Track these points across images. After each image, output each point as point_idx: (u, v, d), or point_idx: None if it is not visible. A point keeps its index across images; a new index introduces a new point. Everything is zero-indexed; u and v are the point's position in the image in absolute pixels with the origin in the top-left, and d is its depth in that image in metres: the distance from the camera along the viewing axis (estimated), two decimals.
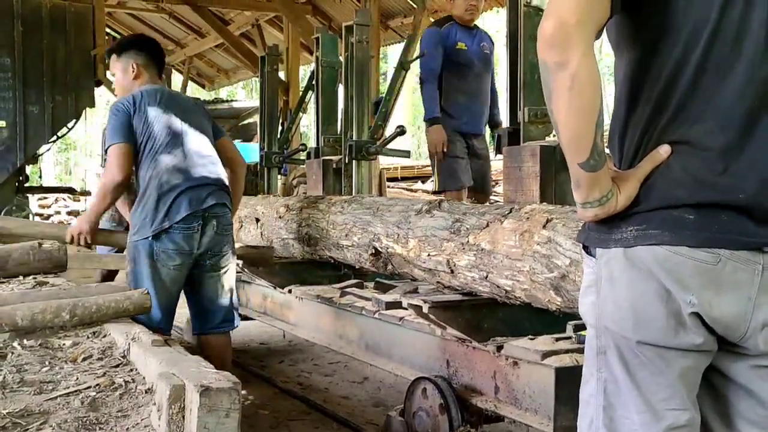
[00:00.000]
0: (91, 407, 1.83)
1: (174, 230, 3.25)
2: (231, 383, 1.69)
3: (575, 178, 1.36)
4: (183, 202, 3.25)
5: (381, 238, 3.19)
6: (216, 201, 3.29)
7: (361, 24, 4.63)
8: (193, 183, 3.29)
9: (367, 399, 4.10)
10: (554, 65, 1.27)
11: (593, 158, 1.32)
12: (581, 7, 1.27)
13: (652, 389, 1.35)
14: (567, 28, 1.26)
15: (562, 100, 1.29)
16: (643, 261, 1.31)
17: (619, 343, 1.36)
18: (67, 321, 2.49)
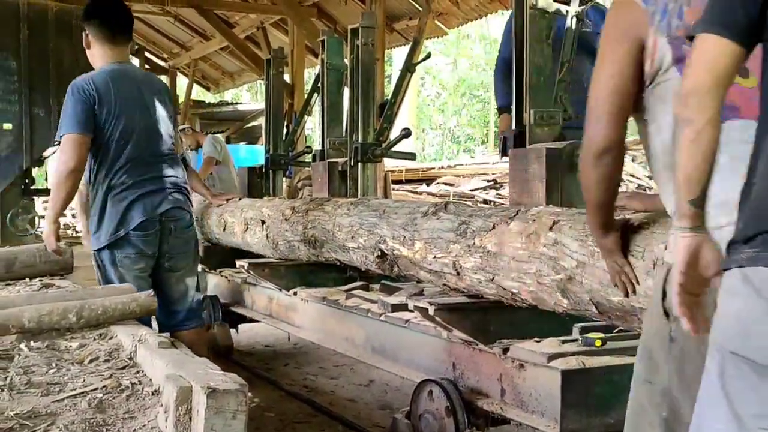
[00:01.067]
0: (98, 409, 1.83)
1: (131, 236, 3.22)
2: (238, 385, 1.68)
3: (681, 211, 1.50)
4: (137, 209, 3.21)
5: (387, 240, 3.19)
6: (171, 206, 3.24)
7: (366, 26, 4.63)
8: (145, 189, 3.22)
9: (373, 402, 4.10)
10: (682, 120, 1.44)
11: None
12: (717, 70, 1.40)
13: (744, 403, 1.34)
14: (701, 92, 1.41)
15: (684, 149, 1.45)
16: (755, 281, 1.33)
17: (723, 355, 1.36)
18: (74, 323, 2.50)
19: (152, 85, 3.43)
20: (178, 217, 3.26)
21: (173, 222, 3.24)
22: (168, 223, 3.23)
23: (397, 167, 10.89)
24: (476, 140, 27.38)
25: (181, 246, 3.30)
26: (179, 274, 3.30)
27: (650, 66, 1.72)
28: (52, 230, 3.33)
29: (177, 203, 3.28)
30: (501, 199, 10.58)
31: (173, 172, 3.33)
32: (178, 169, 3.37)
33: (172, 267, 3.30)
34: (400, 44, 11.25)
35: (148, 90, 3.36)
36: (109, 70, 3.30)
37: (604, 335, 2.61)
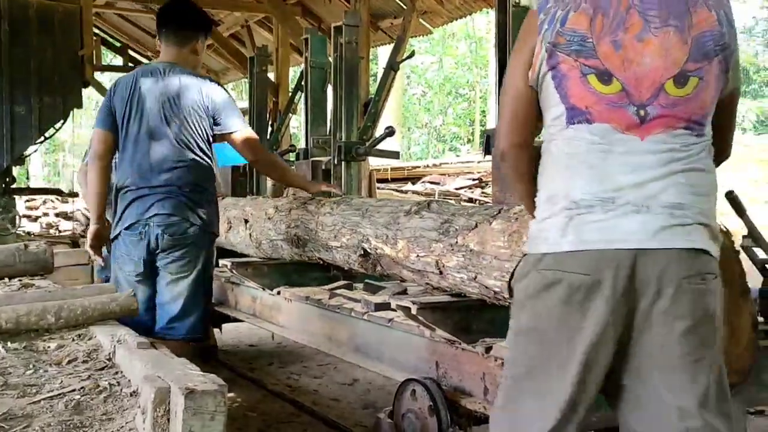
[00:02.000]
0: (76, 410, 1.81)
1: (124, 235, 3.24)
2: (217, 386, 1.67)
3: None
4: (132, 208, 3.21)
5: (370, 239, 3.18)
6: (158, 211, 3.17)
7: (350, 25, 4.61)
8: (141, 193, 3.20)
9: (357, 401, 4.09)
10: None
11: None
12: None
13: None
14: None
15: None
16: None
17: None
18: (53, 323, 2.47)
19: (185, 88, 3.26)
20: (168, 223, 3.19)
21: (163, 228, 3.19)
22: (155, 228, 3.19)
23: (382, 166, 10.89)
24: (462, 139, 27.44)
25: (174, 252, 3.23)
26: (169, 279, 3.24)
27: (533, 73, 1.80)
28: (91, 231, 3.38)
29: (166, 209, 3.19)
30: (486, 197, 10.60)
31: (181, 178, 3.21)
32: (192, 175, 3.24)
33: (164, 272, 3.25)
34: (384, 43, 11.22)
35: (177, 94, 3.25)
36: (143, 70, 3.35)
37: None
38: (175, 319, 3.22)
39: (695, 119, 1.71)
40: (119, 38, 13.21)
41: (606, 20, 1.73)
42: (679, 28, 1.70)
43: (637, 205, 1.64)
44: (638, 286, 1.63)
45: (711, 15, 1.72)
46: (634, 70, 1.70)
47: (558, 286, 1.68)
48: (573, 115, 1.74)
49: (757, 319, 1.97)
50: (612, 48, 1.71)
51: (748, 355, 1.93)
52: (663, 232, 1.63)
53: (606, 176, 1.68)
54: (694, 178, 1.68)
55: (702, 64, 1.70)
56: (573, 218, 1.69)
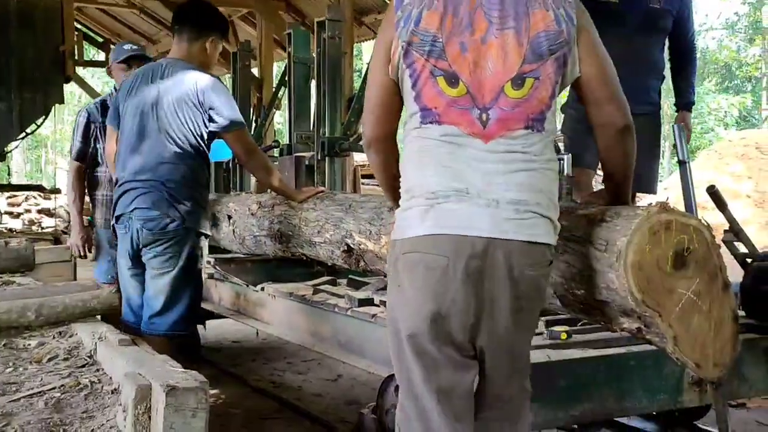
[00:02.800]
0: (56, 408, 1.80)
1: (117, 228, 3.31)
2: (198, 383, 1.66)
3: None
4: (120, 201, 3.24)
5: (353, 234, 3.17)
6: (138, 205, 3.16)
7: (333, 20, 4.61)
8: (127, 187, 3.21)
9: (341, 397, 4.09)
10: None
11: None
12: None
13: None
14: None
15: None
16: None
17: None
18: (33, 321, 2.46)
19: (179, 83, 3.22)
20: (148, 217, 3.17)
21: (142, 222, 3.17)
22: (135, 221, 3.18)
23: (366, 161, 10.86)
24: None
25: (155, 247, 3.20)
26: (153, 274, 3.22)
27: (392, 67, 1.90)
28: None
29: (149, 203, 3.16)
30: None
31: (166, 173, 3.18)
32: (178, 171, 3.19)
33: (148, 267, 3.23)
34: (369, 38, 11.21)
35: (170, 89, 3.22)
36: (147, 67, 3.40)
37: (569, 328, 2.62)
38: (156, 314, 3.18)
39: (534, 117, 1.83)
40: (101, 33, 13.12)
41: (455, 20, 1.83)
42: (516, 29, 1.81)
43: (487, 200, 1.79)
44: (488, 269, 1.78)
45: (548, 15, 1.83)
46: (478, 75, 1.82)
47: (420, 265, 1.82)
48: (425, 115, 1.86)
49: (738, 312, 1.98)
50: (459, 50, 1.82)
51: (729, 348, 1.94)
52: (509, 225, 1.78)
53: (456, 173, 1.81)
54: (533, 177, 1.82)
55: (537, 64, 1.82)
56: (433, 206, 1.81)
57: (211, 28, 3.37)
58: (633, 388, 2.56)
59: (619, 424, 3.35)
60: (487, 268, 1.78)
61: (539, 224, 1.81)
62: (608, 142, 1.98)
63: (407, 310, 1.86)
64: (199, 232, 3.27)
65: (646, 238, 1.85)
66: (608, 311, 1.99)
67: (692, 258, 1.88)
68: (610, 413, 2.69)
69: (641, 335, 1.96)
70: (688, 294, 1.87)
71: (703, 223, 1.91)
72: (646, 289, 1.84)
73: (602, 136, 1.98)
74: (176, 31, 3.38)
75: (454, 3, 1.83)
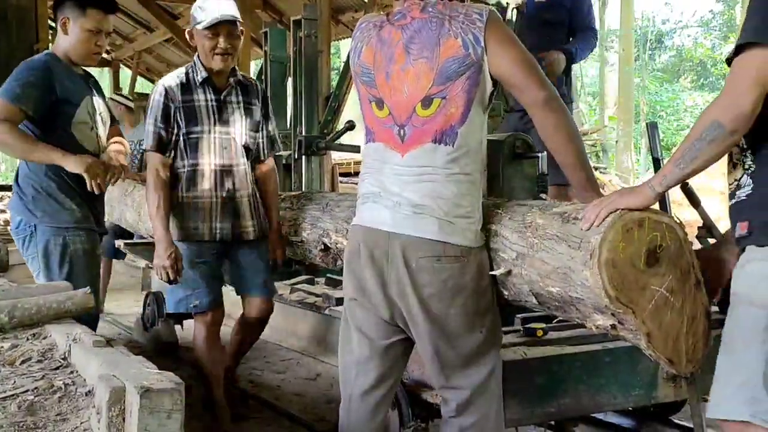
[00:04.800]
0: (29, 411, 1.78)
1: None
2: (173, 384, 1.65)
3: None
4: None
5: (330, 233, 3.17)
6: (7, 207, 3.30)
7: (309, 18, 4.60)
8: None
9: (320, 396, 4.08)
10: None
11: None
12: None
13: None
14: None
15: None
16: None
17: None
18: (6, 323, 2.42)
19: None
20: (10, 217, 3.24)
21: (11, 222, 3.25)
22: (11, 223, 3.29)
23: (345, 159, 10.85)
24: None
25: (18, 248, 3.21)
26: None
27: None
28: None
29: (9, 204, 3.25)
30: None
31: (19, 168, 3.20)
32: (21, 164, 3.17)
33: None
34: (346, 36, 11.20)
35: None
36: None
37: (545, 325, 2.64)
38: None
39: (442, 132, 2.10)
40: None
41: (382, 54, 2.19)
42: (428, 58, 2.11)
43: (393, 202, 2.14)
44: (390, 258, 2.13)
45: (457, 42, 2.08)
46: (396, 98, 2.16)
47: (347, 248, 2.31)
48: (367, 134, 2.27)
49: (710, 309, 2.00)
50: (384, 79, 2.19)
51: (702, 344, 1.96)
52: (406, 222, 2.11)
53: (380, 181, 2.19)
54: (436, 186, 2.10)
55: (444, 86, 2.10)
56: (363, 204, 2.24)
57: (59, 6, 3.15)
58: (608, 384, 2.59)
59: (596, 420, 3.38)
60: (388, 255, 2.14)
61: (433, 223, 2.09)
62: (539, 121, 2.14)
63: (345, 281, 2.33)
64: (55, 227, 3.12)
65: (620, 236, 1.87)
66: (582, 308, 2.01)
67: (665, 255, 1.90)
68: (585, 409, 2.72)
69: (615, 332, 1.98)
70: (661, 291, 1.90)
71: (676, 220, 1.93)
72: (619, 286, 1.86)
73: (533, 117, 2.16)
74: None
75: (383, 40, 2.19)
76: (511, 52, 2.12)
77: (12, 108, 2.99)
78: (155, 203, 3.13)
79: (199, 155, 3.20)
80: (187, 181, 3.21)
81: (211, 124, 3.21)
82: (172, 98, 3.19)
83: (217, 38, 3.12)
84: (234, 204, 3.26)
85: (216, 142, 3.22)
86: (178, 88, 3.20)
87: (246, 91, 3.34)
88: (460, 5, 2.15)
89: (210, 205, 3.22)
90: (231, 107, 3.27)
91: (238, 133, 3.28)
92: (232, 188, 3.24)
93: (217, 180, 3.22)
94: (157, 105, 3.19)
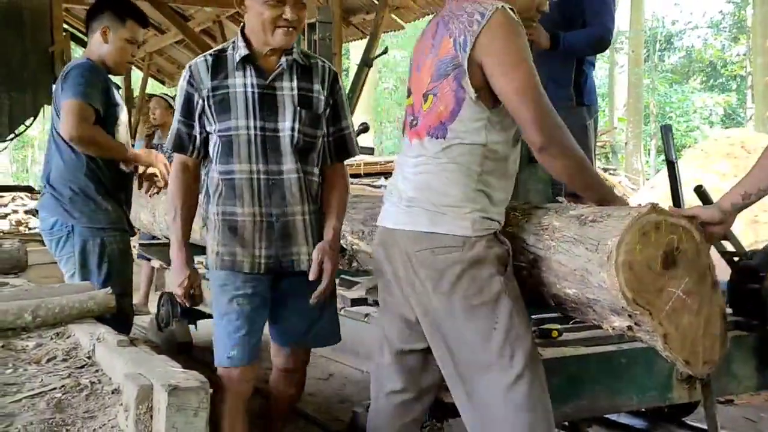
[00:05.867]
0: (57, 409, 1.82)
1: None
2: (199, 382, 1.69)
3: None
4: None
5: (346, 235, 3.19)
6: (37, 207, 3.23)
7: (323, 21, 4.63)
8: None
9: (333, 395, 4.11)
10: None
11: None
12: None
13: None
14: None
15: None
16: None
17: None
18: (30, 322, 2.47)
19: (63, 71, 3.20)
20: (41, 218, 3.21)
21: (41, 223, 3.22)
22: (40, 223, 3.24)
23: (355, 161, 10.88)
24: None
25: (50, 248, 3.21)
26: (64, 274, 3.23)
27: None
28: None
29: (40, 205, 3.23)
30: None
31: (51, 168, 3.20)
32: (55, 165, 3.18)
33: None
34: (357, 38, 11.24)
35: (55, 90, 3.24)
36: None
37: (560, 326, 2.66)
38: None
39: (434, 126, 2.12)
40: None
41: (419, 46, 2.23)
42: (432, 55, 2.14)
43: (396, 198, 2.20)
44: (395, 253, 2.17)
45: (449, 42, 2.08)
46: (416, 89, 2.22)
47: (372, 249, 2.40)
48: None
49: (726, 310, 2.02)
50: (415, 70, 2.24)
51: (718, 346, 1.98)
52: (402, 218, 2.15)
53: (394, 177, 2.28)
54: (429, 178, 2.11)
55: (436, 83, 2.11)
56: (383, 203, 2.30)
57: (98, 16, 3.22)
58: (624, 385, 2.60)
59: (609, 421, 3.40)
60: (394, 252, 2.18)
61: (423, 215, 2.10)
62: (542, 163, 2.11)
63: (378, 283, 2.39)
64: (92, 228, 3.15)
65: (637, 239, 1.88)
66: (599, 310, 2.03)
67: (682, 257, 1.92)
68: (601, 410, 2.73)
69: (632, 333, 2.00)
70: (677, 293, 1.91)
71: (692, 223, 1.95)
72: (636, 288, 1.88)
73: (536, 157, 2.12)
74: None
75: (424, 33, 2.24)
76: (505, 70, 2.01)
77: (89, 108, 3.05)
78: (171, 213, 2.63)
79: (235, 160, 2.46)
80: (220, 194, 2.52)
81: (252, 118, 2.45)
82: (198, 84, 2.49)
83: (283, 7, 2.42)
84: (283, 225, 2.51)
85: (258, 143, 2.46)
86: (207, 71, 2.49)
87: (305, 74, 2.54)
88: (470, 4, 2.08)
89: (251, 225, 2.49)
90: (280, 95, 2.48)
91: (289, 129, 2.48)
92: (281, 203, 2.49)
93: (260, 192, 2.48)
94: (180, 94, 2.54)
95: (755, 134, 9.93)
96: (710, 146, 8.46)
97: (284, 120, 2.48)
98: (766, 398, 4.01)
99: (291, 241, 2.53)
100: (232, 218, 2.51)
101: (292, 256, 2.54)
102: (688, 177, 7.58)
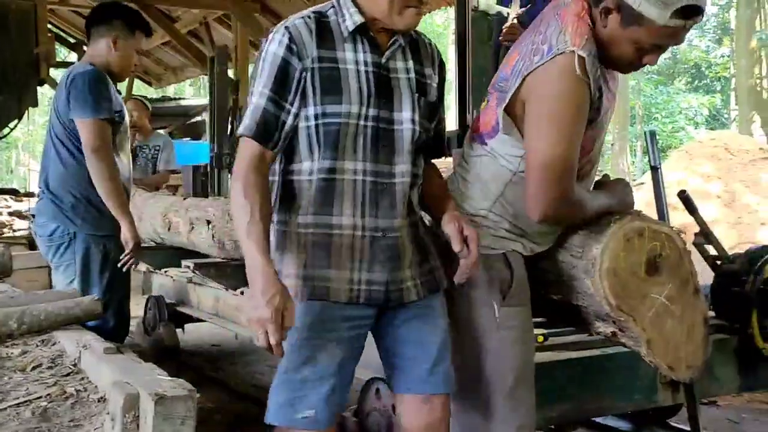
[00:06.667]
0: (43, 417, 1.81)
1: None
2: (187, 391, 1.69)
3: None
4: None
5: None
6: (35, 212, 3.22)
7: None
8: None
9: None
10: None
11: None
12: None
13: None
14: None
15: None
16: None
17: None
18: (15, 329, 2.45)
19: (62, 84, 3.21)
20: (38, 224, 3.20)
21: (37, 228, 3.21)
22: (36, 229, 3.23)
23: None
24: None
25: (47, 254, 3.20)
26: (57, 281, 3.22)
27: None
28: None
29: (38, 210, 3.22)
30: None
31: (49, 173, 3.20)
32: (55, 170, 3.18)
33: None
34: None
35: (56, 94, 3.26)
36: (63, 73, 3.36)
37: (546, 331, 2.68)
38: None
39: (480, 131, 2.10)
40: (73, 34, 13.01)
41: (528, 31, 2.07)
42: (512, 53, 2.06)
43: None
44: None
45: (516, 56, 2.00)
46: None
47: None
48: None
49: (708, 315, 2.04)
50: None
51: (701, 351, 2.01)
52: None
53: None
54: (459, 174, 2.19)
55: (492, 91, 2.08)
56: None
57: (108, 24, 3.25)
58: (609, 389, 2.63)
59: (594, 423, 3.42)
60: None
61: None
62: None
63: None
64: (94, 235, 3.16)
65: (621, 245, 1.91)
66: (584, 316, 2.05)
67: (665, 264, 1.94)
68: (587, 414, 2.76)
69: (616, 339, 2.02)
70: (661, 299, 1.94)
71: (675, 230, 1.97)
72: (620, 294, 1.90)
73: None
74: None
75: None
76: (540, 126, 1.91)
77: (106, 126, 3.10)
78: (246, 216, 1.78)
79: (340, 155, 1.86)
80: (313, 199, 1.89)
81: (366, 105, 1.87)
82: (300, 50, 1.84)
83: None
84: (391, 242, 1.91)
85: (369, 136, 1.88)
86: (311, 36, 1.86)
87: (416, 53, 1.99)
88: (556, 20, 1.92)
89: (349, 241, 1.88)
90: (395, 78, 1.93)
91: (409, 121, 1.92)
92: (389, 214, 1.90)
93: (366, 199, 1.89)
94: (272, 61, 1.85)
95: (739, 136, 10.02)
96: (694, 148, 8.52)
97: (401, 110, 1.91)
98: (748, 400, 4.05)
99: (399, 263, 1.92)
100: (326, 231, 1.88)
101: (400, 284, 1.93)
102: (674, 178, 7.64)
